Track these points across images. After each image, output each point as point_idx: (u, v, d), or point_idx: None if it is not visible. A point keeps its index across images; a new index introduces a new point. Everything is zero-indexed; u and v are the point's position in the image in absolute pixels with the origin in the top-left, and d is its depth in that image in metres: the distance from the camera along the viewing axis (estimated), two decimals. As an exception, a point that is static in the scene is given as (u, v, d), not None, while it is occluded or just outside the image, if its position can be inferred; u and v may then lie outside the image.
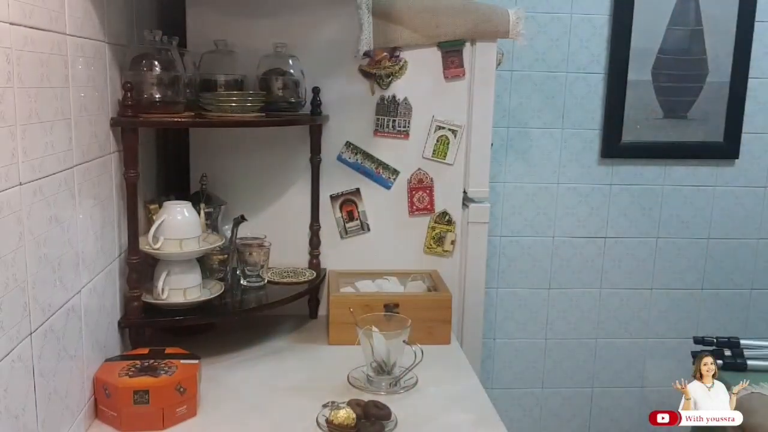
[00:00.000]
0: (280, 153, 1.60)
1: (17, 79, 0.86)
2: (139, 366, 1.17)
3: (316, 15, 1.55)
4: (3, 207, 0.82)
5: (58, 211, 0.99)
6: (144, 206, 1.43)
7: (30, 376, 0.90)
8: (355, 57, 1.54)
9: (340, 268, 1.64)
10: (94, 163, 1.14)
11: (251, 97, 1.41)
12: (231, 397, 1.25)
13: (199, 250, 1.36)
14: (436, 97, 1.60)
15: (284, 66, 1.51)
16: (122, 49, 1.29)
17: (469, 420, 1.19)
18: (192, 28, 1.54)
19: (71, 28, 1.04)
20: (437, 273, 1.63)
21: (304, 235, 1.62)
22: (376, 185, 1.63)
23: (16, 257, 0.85)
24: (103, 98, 1.20)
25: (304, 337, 1.55)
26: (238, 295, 1.50)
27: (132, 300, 1.30)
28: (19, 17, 0.87)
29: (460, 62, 1.58)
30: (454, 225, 1.65)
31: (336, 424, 1.10)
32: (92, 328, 1.14)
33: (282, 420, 1.17)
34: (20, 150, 0.86)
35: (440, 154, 1.62)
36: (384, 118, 1.60)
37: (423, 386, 1.29)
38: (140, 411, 1.11)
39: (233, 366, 1.38)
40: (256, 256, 1.53)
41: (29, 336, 0.89)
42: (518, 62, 2.10)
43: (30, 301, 0.89)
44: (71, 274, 1.05)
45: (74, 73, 1.06)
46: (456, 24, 1.56)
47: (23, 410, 0.88)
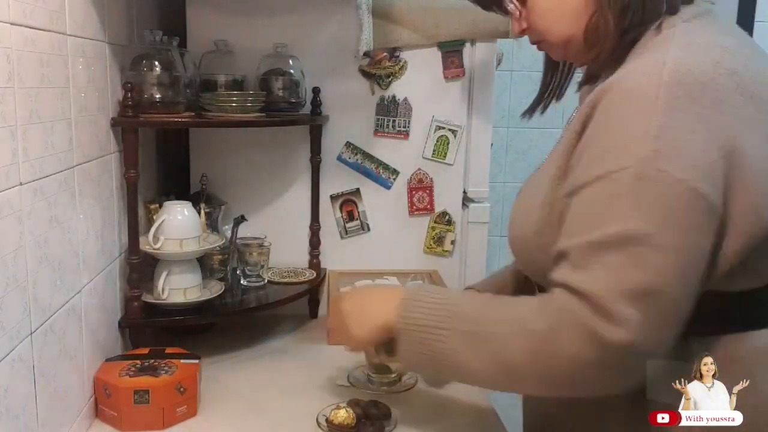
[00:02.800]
0: (280, 153, 1.60)
1: (17, 80, 0.86)
2: (140, 366, 1.17)
3: (316, 15, 1.55)
4: (3, 207, 0.82)
5: (58, 211, 0.99)
6: (144, 206, 1.43)
7: (30, 376, 0.90)
8: (355, 57, 1.54)
9: (340, 268, 1.64)
10: (94, 163, 1.15)
11: (251, 97, 1.41)
12: (231, 396, 1.25)
13: (200, 250, 1.36)
14: (436, 97, 1.60)
15: (284, 66, 1.51)
16: (122, 49, 1.29)
17: (469, 420, 1.19)
18: (192, 28, 1.54)
19: (71, 28, 1.05)
20: (437, 273, 1.63)
21: (304, 235, 1.62)
22: (376, 185, 1.63)
23: (16, 257, 0.85)
24: (104, 98, 1.20)
25: (304, 337, 1.55)
26: (238, 295, 1.50)
27: (132, 300, 1.30)
28: (20, 17, 0.87)
29: (460, 62, 1.58)
30: (454, 225, 1.65)
31: (336, 424, 1.10)
32: (92, 328, 1.14)
33: (282, 420, 1.17)
34: (20, 150, 0.87)
35: (440, 154, 1.62)
36: (384, 118, 1.60)
37: (423, 386, 1.29)
38: (140, 411, 1.11)
39: (233, 366, 1.38)
40: (256, 256, 1.53)
41: (29, 336, 0.89)
42: (518, 62, 2.10)
43: (30, 301, 0.89)
44: (71, 274, 1.05)
45: (74, 74, 1.06)
46: (456, 24, 1.56)
47: (24, 410, 0.88)
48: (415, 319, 0.95)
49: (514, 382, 0.89)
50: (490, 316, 0.90)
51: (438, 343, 0.92)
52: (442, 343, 0.91)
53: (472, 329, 0.90)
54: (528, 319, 0.85)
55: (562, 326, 0.81)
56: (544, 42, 1.00)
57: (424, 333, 0.93)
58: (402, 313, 0.96)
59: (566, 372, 0.82)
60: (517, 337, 0.85)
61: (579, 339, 0.80)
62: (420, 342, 0.94)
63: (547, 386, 0.87)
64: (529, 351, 0.84)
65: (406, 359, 0.98)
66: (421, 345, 0.94)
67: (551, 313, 0.83)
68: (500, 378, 0.88)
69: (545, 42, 1.00)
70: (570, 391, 0.86)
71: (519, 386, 0.91)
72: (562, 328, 0.81)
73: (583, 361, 0.80)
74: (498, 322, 0.88)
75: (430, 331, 0.93)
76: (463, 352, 0.90)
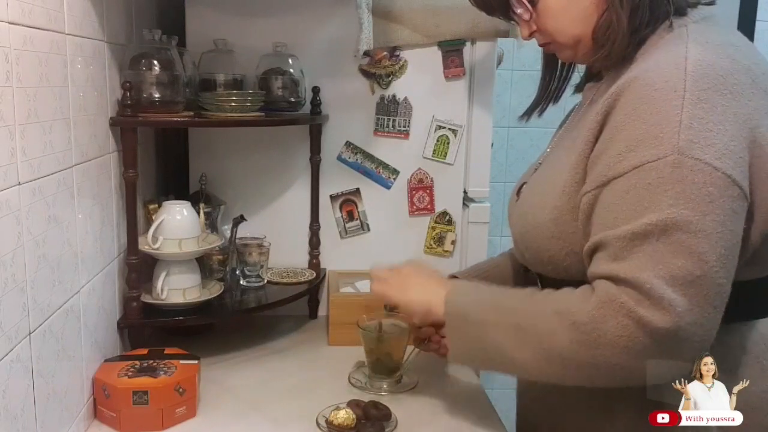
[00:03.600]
0: (280, 153, 1.60)
1: (16, 79, 0.85)
2: (139, 366, 1.17)
3: (316, 14, 1.55)
4: (2, 207, 0.82)
5: (57, 211, 0.99)
6: (143, 206, 1.43)
7: (29, 377, 0.90)
8: (355, 56, 1.54)
9: (340, 268, 1.64)
10: (93, 162, 1.14)
11: (251, 97, 1.40)
12: (231, 397, 1.25)
13: (199, 250, 1.36)
14: (436, 96, 1.59)
15: (284, 65, 1.50)
16: (121, 48, 1.29)
17: (469, 420, 1.18)
18: (191, 27, 1.53)
19: (70, 28, 1.04)
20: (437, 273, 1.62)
21: (304, 235, 1.62)
22: (376, 185, 1.63)
23: (14, 257, 0.85)
24: (103, 98, 1.20)
25: (304, 338, 1.54)
26: (238, 295, 1.50)
27: (131, 300, 1.29)
28: (18, 16, 0.87)
29: (460, 61, 1.58)
30: (454, 225, 1.65)
31: (336, 425, 1.09)
32: (91, 329, 1.14)
33: (282, 420, 1.17)
34: (19, 150, 0.86)
35: (440, 153, 1.62)
36: (384, 118, 1.60)
37: (423, 387, 1.29)
38: (139, 411, 1.11)
39: (233, 366, 1.38)
40: (255, 257, 1.53)
41: (28, 336, 0.89)
42: (518, 61, 2.10)
43: (29, 301, 0.89)
44: (70, 274, 1.04)
45: (73, 73, 1.05)
46: (456, 23, 1.56)
47: (22, 411, 0.87)
48: (462, 313, 1.00)
49: (562, 373, 0.90)
50: (534, 309, 0.92)
51: (489, 338, 0.95)
52: (489, 336, 0.95)
53: (518, 322, 0.92)
54: (573, 311, 0.86)
55: (608, 316, 0.83)
56: (554, 43, 1.01)
57: (471, 327, 0.98)
58: (448, 309, 1.02)
59: (614, 360, 0.84)
60: (563, 329, 0.87)
61: (627, 327, 0.81)
62: (468, 336, 0.98)
63: (595, 376, 0.88)
64: (576, 342, 0.85)
65: (454, 352, 1.02)
66: (470, 339, 0.98)
67: (596, 303, 0.84)
68: (549, 369, 0.90)
69: (555, 43, 1.01)
70: (616, 379, 0.87)
71: (567, 377, 0.91)
72: (608, 318, 0.83)
73: (631, 348, 0.82)
74: (543, 314, 0.90)
75: (477, 325, 0.97)
76: (509, 345, 0.93)
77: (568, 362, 0.87)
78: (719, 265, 0.80)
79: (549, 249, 0.97)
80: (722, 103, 0.82)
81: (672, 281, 0.80)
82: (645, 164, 0.82)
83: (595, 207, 0.88)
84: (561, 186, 0.94)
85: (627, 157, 0.84)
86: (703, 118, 0.81)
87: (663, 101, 0.83)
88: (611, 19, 0.91)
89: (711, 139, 0.81)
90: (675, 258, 0.80)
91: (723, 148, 0.81)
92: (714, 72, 0.84)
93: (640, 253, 0.82)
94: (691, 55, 0.85)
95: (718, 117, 0.82)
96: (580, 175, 0.92)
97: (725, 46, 0.88)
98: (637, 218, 0.82)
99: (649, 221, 0.81)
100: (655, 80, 0.85)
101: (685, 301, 0.79)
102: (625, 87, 0.87)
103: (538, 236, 0.99)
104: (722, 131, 0.81)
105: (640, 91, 0.85)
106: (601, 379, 0.88)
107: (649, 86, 0.85)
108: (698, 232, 0.80)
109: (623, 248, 0.83)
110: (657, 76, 0.85)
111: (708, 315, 0.81)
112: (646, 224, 0.81)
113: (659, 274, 0.80)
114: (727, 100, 0.83)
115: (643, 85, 0.85)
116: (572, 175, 0.93)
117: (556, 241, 0.95)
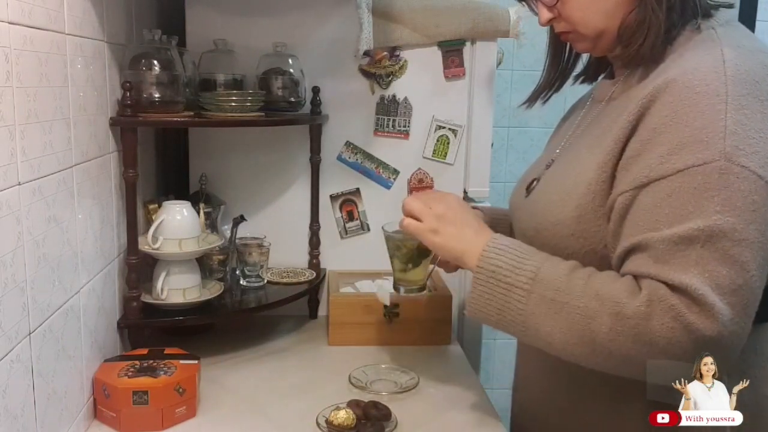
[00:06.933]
0: (280, 153, 1.60)
1: (16, 79, 0.85)
2: (139, 366, 1.17)
3: (316, 14, 1.55)
4: (2, 207, 0.82)
5: (57, 211, 0.99)
6: (143, 206, 1.43)
7: (29, 377, 0.90)
8: (355, 56, 1.54)
9: (340, 268, 1.64)
10: (93, 162, 1.14)
11: (251, 97, 1.40)
12: (231, 397, 1.25)
13: (199, 250, 1.36)
14: (436, 96, 1.59)
15: (284, 65, 1.50)
16: (121, 48, 1.29)
17: (469, 420, 1.18)
18: (191, 27, 1.53)
19: (70, 28, 1.04)
20: (437, 273, 1.62)
21: (304, 235, 1.62)
22: (376, 185, 1.63)
23: (14, 257, 0.85)
24: (102, 98, 1.20)
25: (304, 338, 1.54)
26: (238, 295, 1.50)
27: (131, 300, 1.29)
28: (18, 16, 0.87)
29: (460, 62, 1.58)
30: (454, 225, 1.64)
31: (336, 425, 1.09)
32: (91, 329, 1.14)
33: (282, 420, 1.17)
34: (19, 150, 0.86)
35: (440, 153, 1.62)
36: (384, 118, 1.60)
37: (423, 387, 1.29)
38: (139, 411, 1.11)
39: (233, 366, 1.38)
40: (255, 257, 1.53)
41: (28, 336, 0.89)
42: (518, 61, 2.10)
43: (29, 301, 0.89)
44: (70, 274, 1.04)
45: (73, 73, 1.05)
46: (456, 23, 1.56)
47: (22, 411, 0.87)
48: (495, 272, 0.95)
49: (589, 356, 0.88)
50: (575, 288, 0.89)
51: (515, 302, 0.93)
52: (519, 303, 0.92)
53: (555, 297, 0.90)
54: (618, 302, 0.85)
55: (654, 315, 0.82)
56: (574, 33, 1.00)
57: (502, 288, 0.94)
58: (482, 264, 0.96)
59: (650, 357, 0.83)
60: (605, 315, 0.85)
61: (673, 330, 0.81)
62: (494, 295, 0.95)
63: (621, 366, 0.87)
64: (616, 332, 0.84)
65: (474, 306, 0.98)
66: (496, 299, 0.95)
67: (645, 300, 0.83)
68: (576, 350, 0.89)
69: (575, 33, 0.99)
70: (640, 374, 0.86)
71: (592, 361, 0.90)
72: (654, 317, 0.82)
73: (670, 350, 0.82)
74: (583, 295, 0.88)
75: (509, 288, 0.94)
76: (541, 317, 0.91)
77: (600, 348, 0.86)
78: (758, 274, 0.81)
79: (568, 247, 0.95)
80: (761, 110, 0.82)
81: (718, 289, 0.79)
82: (690, 168, 0.82)
83: (631, 208, 0.87)
84: (585, 184, 0.93)
85: (670, 160, 0.83)
86: (746, 125, 0.81)
87: (706, 105, 0.82)
88: (645, 17, 0.90)
89: (755, 146, 0.81)
90: (720, 266, 0.80)
91: (765, 156, 0.81)
92: (751, 78, 0.83)
93: (684, 258, 0.81)
94: (728, 60, 0.84)
95: (758, 124, 0.82)
96: (607, 173, 0.91)
97: (756, 52, 0.87)
98: (681, 222, 0.81)
99: (696, 226, 0.80)
100: (695, 83, 0.84)
101: (729, 310, 0.79)
102: (662, 89, 0.86)
103: (557, 234, 0.97)
104: (763, 138, 0.81)
105: (681, 93, 0.84)
106: (625, 370, 0.87)
107: (689, 89, 0.84)
108: (742, 240, 0.80)
109: (666, 251, 0.82)
110: (697, 78, 0.84)
111: (745, 324, 0.81)
112: (692, 229, 0.81)
113: (709, 282, 0.80)
114: (765, 107, 0.83)
115: (682, 87, 0.84)
116: (598, 174, 0.91)
117: (576, 240, 0.94)
